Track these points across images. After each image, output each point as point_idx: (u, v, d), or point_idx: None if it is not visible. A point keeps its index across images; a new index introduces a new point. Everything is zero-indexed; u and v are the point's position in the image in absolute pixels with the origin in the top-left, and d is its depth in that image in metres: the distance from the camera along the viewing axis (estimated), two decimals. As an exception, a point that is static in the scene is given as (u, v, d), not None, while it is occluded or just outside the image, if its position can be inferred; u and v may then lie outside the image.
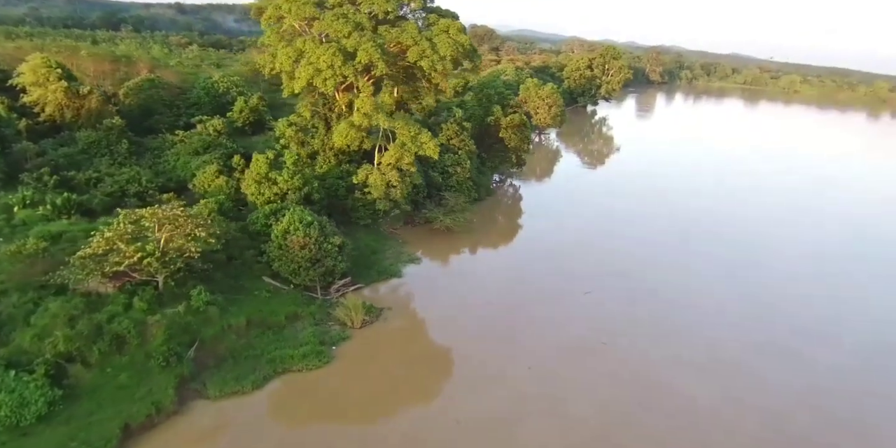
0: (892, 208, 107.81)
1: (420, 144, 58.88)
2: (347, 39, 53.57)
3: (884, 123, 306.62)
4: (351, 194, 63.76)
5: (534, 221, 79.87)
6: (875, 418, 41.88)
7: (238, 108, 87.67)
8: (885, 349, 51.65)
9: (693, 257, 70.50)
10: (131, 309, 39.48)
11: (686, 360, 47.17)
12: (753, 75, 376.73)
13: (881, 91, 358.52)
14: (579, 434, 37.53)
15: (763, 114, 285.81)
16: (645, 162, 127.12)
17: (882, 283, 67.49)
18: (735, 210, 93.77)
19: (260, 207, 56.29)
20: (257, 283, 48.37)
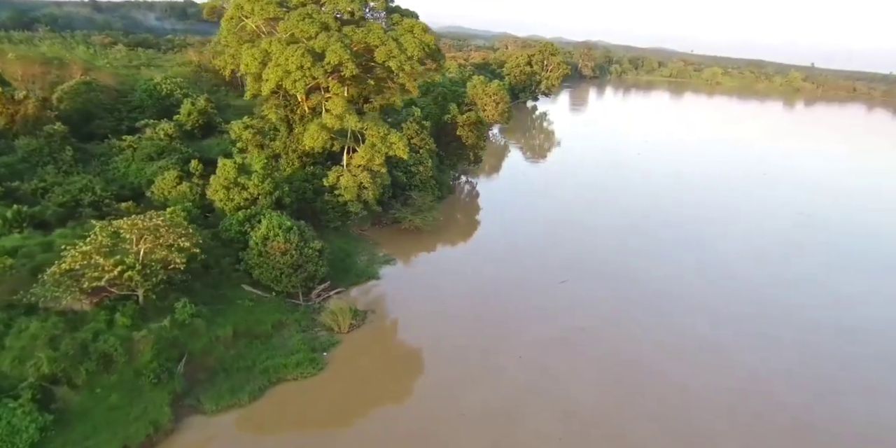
0: (824, 192, 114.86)
1: (390, 145, 58.53)
2: (314, 40, 52.50)
3: (798, 112, 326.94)
4: (319, 197, 62.74)
5: (496, 216, 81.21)
6: (844, 391, 44.94)
7: (185, 110, 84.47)
8: (844, 328, 55.39)
9: (655, 243, 74.33)
10: (114, 325, 37.66)
11: (667, 344, 49.45)
12: (678, 68, 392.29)
13: (795, 81, 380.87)
14: (579, 419, 38.99)
15: (689, 105, 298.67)
16: (587, 154, 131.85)
17: (836, 264, 72.11)
18: (682, 197, 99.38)
19: (230, 213, 54.63)
20: (238, 292, 47.00)
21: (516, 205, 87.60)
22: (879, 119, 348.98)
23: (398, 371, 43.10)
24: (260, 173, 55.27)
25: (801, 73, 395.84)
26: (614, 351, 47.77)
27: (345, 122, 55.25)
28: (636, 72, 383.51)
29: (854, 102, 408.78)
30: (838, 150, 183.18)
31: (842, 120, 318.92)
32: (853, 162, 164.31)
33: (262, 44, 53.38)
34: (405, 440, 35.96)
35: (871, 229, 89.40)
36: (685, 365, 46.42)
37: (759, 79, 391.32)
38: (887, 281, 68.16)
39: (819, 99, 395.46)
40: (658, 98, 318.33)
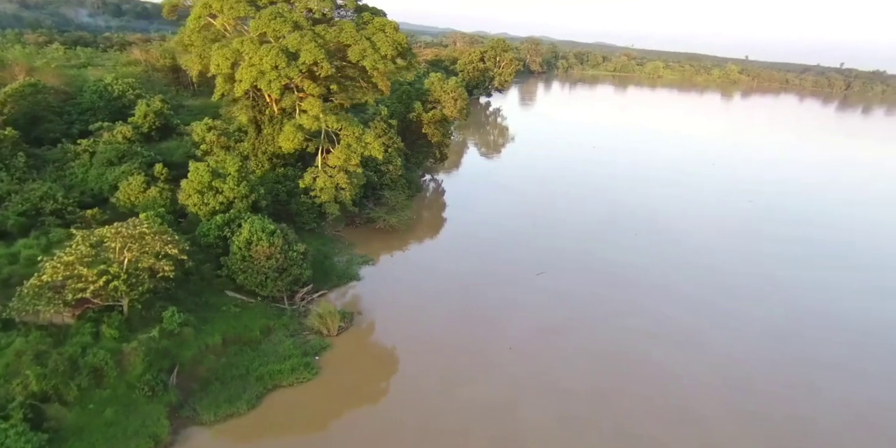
0: (770, 180, 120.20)
1: (365, 145, 58.09)
2: (287, 39, 51.59)
3: (736, 103, 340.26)
4: (294, 198, 61.84)
5: (465, 212, 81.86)
6: (811, 366, 47.94)
7: (141, 112, 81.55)
8: (807, 309, 59.16)
9: (621, 233, 77.54)
10: (101, 338, 36.35)
11: (646, 330, 52.00)
12: (622, 63, 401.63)
13: (732, 73, 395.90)
14: (574, 406, 40.65)
15: (634, 98, 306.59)
16: (543, 148, 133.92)
17: (788, 249, 76.09)
18: (639, 187, 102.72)
19: (205, 218, 53.31)
20: (222, 299, 45.95)
21: (483, 200, 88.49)
22: (810, 108, 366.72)
23: (392, 371, 43.11)
24: (235, 176, 54.03)
25: (737, 65, 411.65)
26: (599, 339, 49.87)
27: (322, 122, 54.45)
28: (582, 67, 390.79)
29: (787, 93, 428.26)
30: (779, 140, 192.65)
31: (777, 110, 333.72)
32: (794, 151, 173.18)
33: (234, 43, 52.06)
34: (411, 438, 36.18)
35: (815, 213, 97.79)
36: (665, 348, 49.07)
37: (698, 72, 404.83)
38: (830, 255, 75.14)
39: (754, 90, 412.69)
40: (603, 92, 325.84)
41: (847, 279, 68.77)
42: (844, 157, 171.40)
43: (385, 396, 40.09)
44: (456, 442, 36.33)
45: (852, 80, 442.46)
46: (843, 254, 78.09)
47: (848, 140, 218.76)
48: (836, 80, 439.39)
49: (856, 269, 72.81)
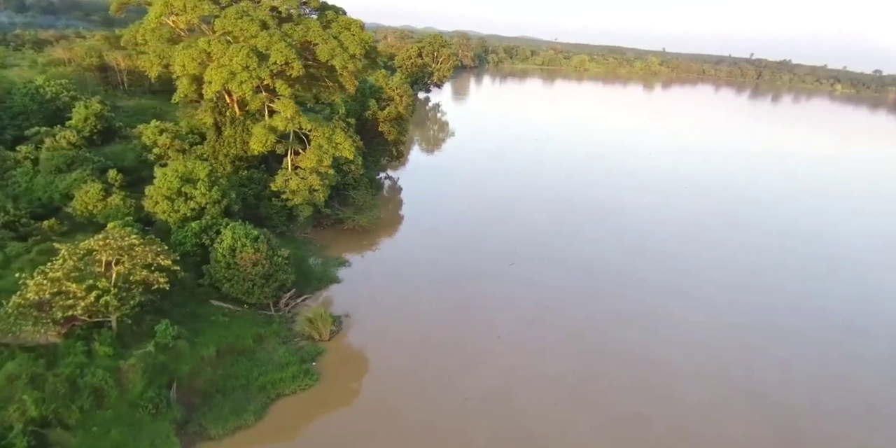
0: (700, 166, 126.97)
1: (336, 145, 57.38)
2: (256, 39, 50.19)
3: (658, 93, 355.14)
4: (261, 202, 60.39)
5: (427, 208, 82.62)
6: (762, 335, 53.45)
7: (81, 115, 77.16)
8: (751, 283, 63.79)
9: (576, 222, 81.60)
10: (95, 356, 34.62)
11: (621, 312, 55.21)
12: (549, 56, 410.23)
13: (653, 66, 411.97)
14: (564, 390, 42.54)
15: (564, 90, 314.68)
16: (488, 142, 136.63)
17: (725, 226, 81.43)
18: (585, 177, 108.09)
19: (175, 226, 51.35)
20: (208, 309, 44.51)
21: (440, 195, 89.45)
22: (726, 97, 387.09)
23: (390, 371, 43.02)
24: (206, 181, 52.22)
25: (657, 58, 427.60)
26: (578, 326, 52.14)
27: (295, 123, 53.35)
28: (512, 61, 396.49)
29: (704, 83, 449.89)
30: (704, 128, 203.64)
31: (697, 99, 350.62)
32: (717, 137, 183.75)
33: (200, 43, 50.17)
34: (422, 432, 36.86)
35: (746, 194, 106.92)
36: (639, 329, 52.41)
37: (621, 64, 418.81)
38: (770, 232, 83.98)
39: (674, 81, 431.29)
40: (534, 85, 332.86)
41: (784, 247, 77.53)
42: (762, 141, 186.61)
43: (387, 397, 39.94)
44: (464, 436, 37.01)
45: (762, 70, 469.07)
46: (777, 226, 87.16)
47: (761, 125, 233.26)
48: (748, 70, 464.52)
49: (789, 235, 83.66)
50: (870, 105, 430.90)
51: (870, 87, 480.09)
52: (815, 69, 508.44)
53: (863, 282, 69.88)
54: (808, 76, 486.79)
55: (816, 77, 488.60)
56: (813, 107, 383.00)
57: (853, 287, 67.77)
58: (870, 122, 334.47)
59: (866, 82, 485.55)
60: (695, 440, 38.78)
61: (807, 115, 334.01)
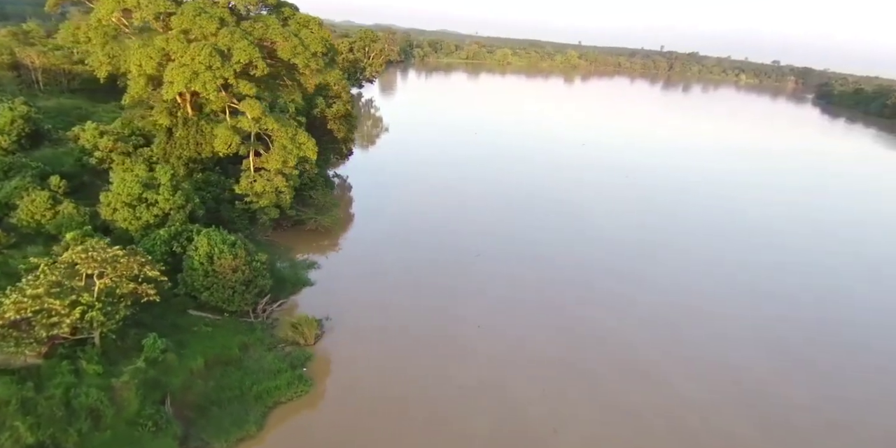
0: (634, 156, 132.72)
1: (299, 145, 56.25)
2: (216, 37, 48.41)
3: (578, 85, 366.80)
4: (222, 205, 58.44)
5: (381, 204, 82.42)
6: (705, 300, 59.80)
7: (6, 118, 72.13)
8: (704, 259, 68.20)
9: (530, 212, 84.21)
10: (83, 376, 32.79)
11: (586, 296, 58.47)
12: (473, 50, 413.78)
13: (573, 59, 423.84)
14: (551, 373, 44.67)
15: (488, 83, 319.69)
16: (427, 136, 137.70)
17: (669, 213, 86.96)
18: (525, 169, 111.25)
19: (137, 234, 49.08)
20: (187, 319, 42.89)
21: (392, 191, 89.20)
22: (642, 88, 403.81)
23: (381, 368, 43.09)
24: (168, 186, 50.07)
25: (576, 51, 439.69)
26: (549, 310, 54.78)
27: (262, 124, 51.89)
28: (437, 55, 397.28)
29: (620, 75, 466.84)
30: (626, 117, 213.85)
31: (615, 90, 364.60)
32: (643, 126, 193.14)
33: (157, 42, 47.85)
34: (426, 425, 37.56)
35: (685, 182, 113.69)
36: (605, 309, 56.11)
37: (542, 58, 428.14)
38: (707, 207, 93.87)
39: (592, 74, 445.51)
40: (459, 78, 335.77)
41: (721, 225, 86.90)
42: (681, 128, 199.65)
43: (384, 395, 39.94)
44: (465, 425, 37.87)
45: (674, 62, 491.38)
46: (711, 207, 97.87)
47: (678, 114, 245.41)
48: (660, 62, 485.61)
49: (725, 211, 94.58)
50: (772, 93, 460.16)
51: (771, 76, 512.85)
52: (721, 61, 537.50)
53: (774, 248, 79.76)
54: (715, 67, 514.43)
55: (723, 68, 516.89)
56: (721, 96, 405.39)
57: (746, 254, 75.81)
58: (773, 108, 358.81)
59: (767, 72, 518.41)
60: (671, 414, 41.32)
61: (716, 103, 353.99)
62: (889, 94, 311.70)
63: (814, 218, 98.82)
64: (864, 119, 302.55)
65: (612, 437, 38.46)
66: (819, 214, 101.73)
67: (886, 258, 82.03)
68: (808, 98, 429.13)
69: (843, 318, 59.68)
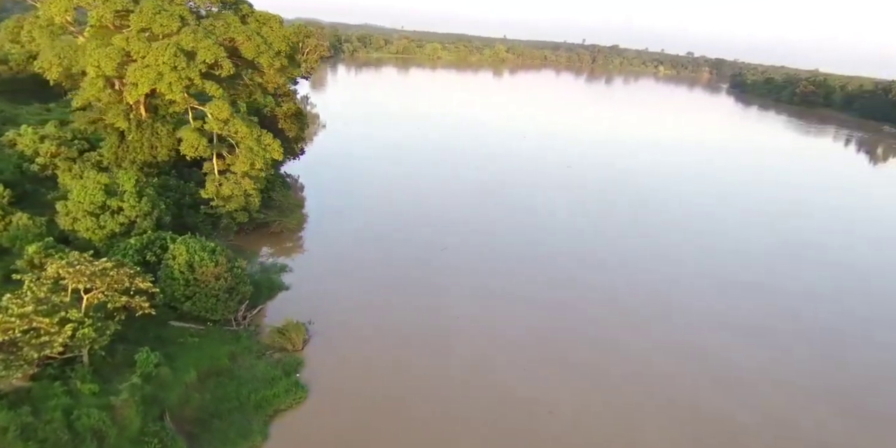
0: (572, 147, 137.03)
1: (265, 146, 54.92)
2: (180, 36, 46.50)
3: (507, 79, 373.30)
4: (183, 210, 56.36)
5: (338, 202, 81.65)
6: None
7: (-73, 124, 67.06)
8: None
9: (482, 204, 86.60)
10: (80, 396, 31.17)
11: (556, 280, 61.15)
12: (403, 45, 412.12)
13: (501, 53, 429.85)
14: (535, 357, 46.46)
15: (420, 77, 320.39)
16: (370, 132, 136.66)
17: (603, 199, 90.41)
18: (470, 161, 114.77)
19: (101, 244, 46.77)
20: (171, 331, 41.30)
21: (346, 188, 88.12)
22: (567, 81, 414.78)
23: (374, 367, 42.92)
24: (133, 192, 47.87)
25: (504, 45, 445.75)
26: (526, 296, 56.89)
27: (230, 126, 50.27)
28: (366, 50, 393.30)
29: (546, 68, 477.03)
30: (557, 108, 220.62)
31: (544, 83, 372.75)
32: (575, 118, 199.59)
33: (116, 41, 45.46)
34: (431, 418, 37.98)
35: (624, 171, 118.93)
36: (576, 292, 59.12)
37: (471, 52, 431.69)
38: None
39: (520, 67, 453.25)
40: (390, 73, 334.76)
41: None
42: (615, 119, 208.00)
43: (383, 395, 39.71)
44: (469, 417, 38.61)
45: (596, 55, 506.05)
46: (653, 185, 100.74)
47: (610, 106, 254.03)
48: (583, 55, 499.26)
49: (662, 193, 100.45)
50: (689, 84, 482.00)
51: (687, 68, 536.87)
52: (641, 53, 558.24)
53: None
54: (635, 59, 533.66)
55: (642, 60, 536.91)
56: (643, 87, 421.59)
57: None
58: (691, 97, 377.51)
59: (684, 64, 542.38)
60: (649, 385, 44.14)
61: (640, 93, 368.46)
62: (797, 82, 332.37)
63: (732, 193, 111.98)
64: (775, 106, 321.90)
65: (603, 413, 40.44)
66: (738, 189, 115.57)
67: (798, 227, 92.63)
68: (723, 87, 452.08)
69: (752, 295, 63.86)
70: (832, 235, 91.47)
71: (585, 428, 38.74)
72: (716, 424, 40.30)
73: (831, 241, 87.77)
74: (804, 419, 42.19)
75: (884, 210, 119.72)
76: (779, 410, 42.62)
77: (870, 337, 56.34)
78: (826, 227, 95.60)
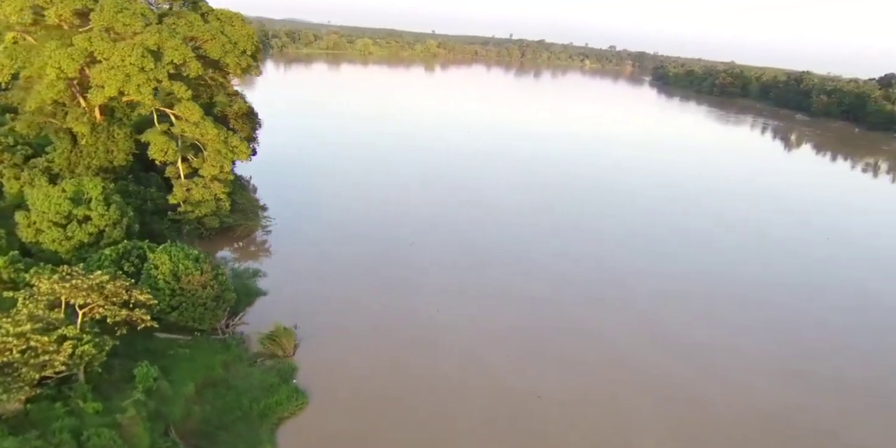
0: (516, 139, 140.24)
1: (233, 148, 53.46)
2: (145, 35, 44.53)
3: (439, 74, 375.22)
4: (146, 216, 54.13)
5: (294, 199, 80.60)
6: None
7: None
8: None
9: (434, 197, 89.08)
10: (84, 416, 29.76)
11: (523, 270, 63.76)
12: (333, 40, 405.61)
13: (432, 48, 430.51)
14: (515, 344, 48.62)
15: (352, 73, 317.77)
16: (313, 128, 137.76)
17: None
18: (419, 155, 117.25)
19: (67, 256, 44.47)
20: (159, 343, 39.81)
21: (302, 188, 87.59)
22: (498, 75, 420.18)
23: (368, 367, 43.19)
24: (100, 200, 45.65)
25: (435, 40, 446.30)
26: (493, 286, 58.89)
27: (201, 128, 48.55)
28: (296, 45, 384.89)
29: (477, 63, 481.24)
30: (494, 102, 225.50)
31: (476, 78, 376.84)
32: (513, 110, 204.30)
33: (78, 41, 43.05)
34: (432, 414, 38.74)
35: (573, 162, 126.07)
36: (542, 280, 61.47)
37: (403, 47, 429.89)
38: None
39: (451, 62, 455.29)
40: (321, 69, 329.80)
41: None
42: (550, 111, 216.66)
43: (383, 395, 39.99)
44: (467, 407, 39.74)
45: (525, 49, 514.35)
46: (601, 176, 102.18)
47: (544, 99, 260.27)
48: (513, 50, 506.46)
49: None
50: (613, 76, 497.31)
51: (611, 61, 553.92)
52: (567, 47, 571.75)
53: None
54: (562, 53, 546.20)
55: (569, 54, 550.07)
56: (570, 80, 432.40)
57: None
58: (616, 90, 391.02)
59: (608, 57, 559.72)
60: (619, 364, 47.07)
61: (567, 86, 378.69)
62: (716, 74, 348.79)
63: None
64: (696, 97, 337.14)
65: (588, 395, 42.60)
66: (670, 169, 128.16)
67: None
68: (646, 80, 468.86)
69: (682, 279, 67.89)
70: (752, 210, 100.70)
71: (573, 409, 40.73)
72: (689, 401, 42.85)
73: (753, 216, 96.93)
74: (758, 384, 45.97)
75: (798, 189, 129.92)
76: (737, 381, 46.11)
77: (770, 299, 62.60)
78: (744, 204, 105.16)
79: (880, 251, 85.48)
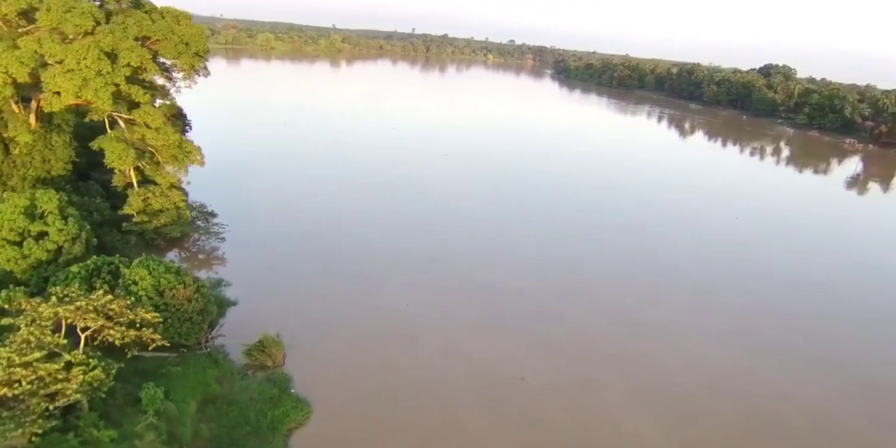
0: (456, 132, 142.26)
1: (187, 153, 51.16)
2: (99, 36, 41.65)
3: (345, 69, 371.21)
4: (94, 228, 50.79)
5: (236, 202, 77.83)
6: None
7: None
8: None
9: (402, 190, 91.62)
10: (99, 445, 28.00)
11: (496, 257, 67.78)
12: (232, 35, 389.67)
13: (337, 43, 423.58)
14: (485, 330, 51.20)
15: (256, 70, 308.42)
16: (240, 126, 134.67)
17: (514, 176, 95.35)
18: (362, 155, 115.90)
19: (23, 276, 41.24)
20: (147, 362, 37.63)
21: (237, 190, 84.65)
22: (404, 69, 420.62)
23: (361, 369, 43.39)
24: (57, 214, 42.45)
25: (339, 35, 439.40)
26: (456, 276, 61.35)
27: (161, 134, 46.01)
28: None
29: (383, 58, 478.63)
30: (409, 99, 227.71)
31: (384, 73, 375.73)
32: (430, 106, 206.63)
33: (27, 43, 39.64)
34: (432, 410, 39.62)
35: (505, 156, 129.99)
36: (510, 269, 64.69)
37: (306, 42, 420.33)
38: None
39: (357, 57, 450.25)
40: (220, 65, 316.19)
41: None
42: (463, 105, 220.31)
43: (383, 395, 40.30)
44: (463, 396, 41.33)
45: (430, 44, 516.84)
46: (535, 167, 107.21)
47: (457, 94, 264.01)
48: (418, 44, 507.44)
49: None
50: (516, 70, 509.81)
51: (513, 55, 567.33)
52: (470, 42, 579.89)
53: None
54: (465, 48, 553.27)
55: (472, 49, 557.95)
56: (476, 74, 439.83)
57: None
58: (521, 83, 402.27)
59: (510, 52, 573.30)
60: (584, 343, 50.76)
61: (473, 80, 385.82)
62: (614, 67, 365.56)
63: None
64: (596, 90, 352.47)
65: (567, 374, 45.21)
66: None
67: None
68: (548, 73, 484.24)
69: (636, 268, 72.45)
70: (670, 193, 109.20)
71: (555, 388, 43.27)
72: (659, 378, 46.21)
73: (671, 197, 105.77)
74: (721, 358, 50.46)
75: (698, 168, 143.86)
76: (700, 356, 50.41)
77: (700, 272, 70.52)
78: (660, 189, 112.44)
79: (785, 225, 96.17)
